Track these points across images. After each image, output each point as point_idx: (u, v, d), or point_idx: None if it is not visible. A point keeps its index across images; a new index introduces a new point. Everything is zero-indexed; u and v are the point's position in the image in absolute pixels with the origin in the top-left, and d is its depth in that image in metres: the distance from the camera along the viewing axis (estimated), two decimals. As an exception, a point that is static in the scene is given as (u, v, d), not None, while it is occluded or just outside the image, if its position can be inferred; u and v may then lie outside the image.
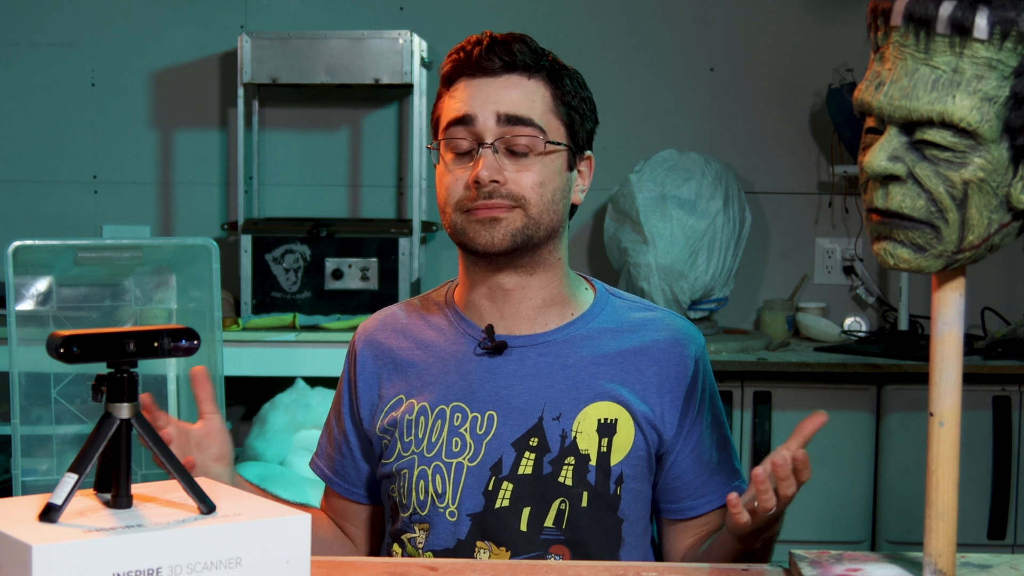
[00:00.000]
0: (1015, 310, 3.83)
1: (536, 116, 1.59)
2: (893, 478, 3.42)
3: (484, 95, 1.59)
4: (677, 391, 1.64)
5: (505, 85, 1.59)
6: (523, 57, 1.60)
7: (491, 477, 1.60)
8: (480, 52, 1.60)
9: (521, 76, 1.60)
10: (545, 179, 1.59)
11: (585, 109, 1.66)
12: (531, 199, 1.58)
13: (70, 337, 1.19)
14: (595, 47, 3.97)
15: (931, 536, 1.23)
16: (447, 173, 1.61)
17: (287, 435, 3.29)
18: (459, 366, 1.65)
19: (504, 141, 1.58)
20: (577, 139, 1.65)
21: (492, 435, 1.61)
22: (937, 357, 1.21)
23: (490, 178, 1.56)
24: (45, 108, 4.02)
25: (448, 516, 1.60)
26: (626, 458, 1.61)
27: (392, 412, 1.67)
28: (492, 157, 1.57)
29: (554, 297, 1.66)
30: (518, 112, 1.58)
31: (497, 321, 1.66)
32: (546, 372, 1.63)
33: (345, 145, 4.02)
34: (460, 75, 1.62)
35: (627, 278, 3.64)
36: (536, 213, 1.58)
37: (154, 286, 2.60)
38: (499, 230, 1.57)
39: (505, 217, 1.57)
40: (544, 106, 1.60)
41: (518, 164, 1.58)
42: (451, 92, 1.62)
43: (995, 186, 1.15)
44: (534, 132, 1.58)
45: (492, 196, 1.57)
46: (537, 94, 1.60)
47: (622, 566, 1.40)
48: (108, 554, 1.12)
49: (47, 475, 2.51)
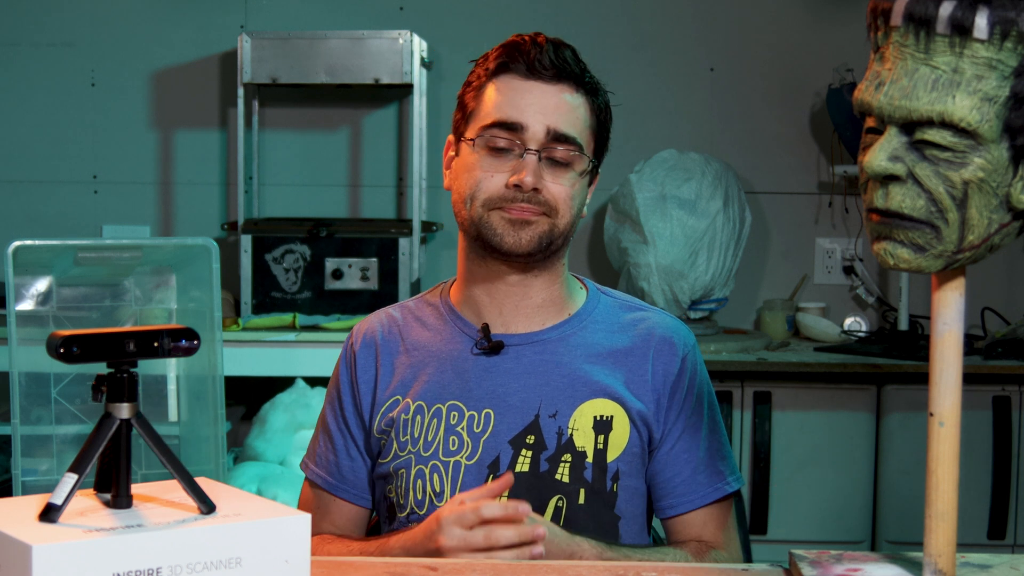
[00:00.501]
0: (1015, 310, 3.83)
1: (578, 133, 1.63)
2: (893, 478, 3.42)
3: (537, 103, 1.61)
4: (663, 388, 1.66)
5: (556, 95, 1.62)
6: (574, 67, 1.64)
7: (488, 475, 1.61)
8: (536, 54, 1.62)
9: (570, 87, 1.63)
10: (575, 192, 1.64)
11: (610, 127, 1.71)
12: (561, 210, 1.63)
13: (70, 337, 1.19)
14: (595, 47, 3.97)
15: (931, 536, 1.23)
16: (479, 168, 1.62)
17: (287, 435, 3.29)
18: (455, 364, 1.66)
19: (548, 152, 1.62)
20: (600, 156, 1.71)
21: (489, 433, 1.62)
22: (937, 357, 1.21)
23: (533, 185, 1.60)
24: (45, 108, 4.02)
25: None
26: (622, 454, 1.62)
27: (389, 412, 1.67)
28: (537, 164, 1.61)
29: (552, 298, 1.68)
30: (567, 130, 1.62)
31: (494, 318, 1.67)
32: (542, 370, 1.64)
33: (345, 145, 4.02)
34: (510, 71, 1.63)
35: (627, 278, 3.64)
36: (563, 223, 1.64)
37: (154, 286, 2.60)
38: (527, 232, 1.61)
39: (536, 221, 1.61)
40: (585, 123, 1.65)
41: (555, 174, 1.62)
42: (498, 86, 1.63)
43: (995, 186, 1.15)
44: (576, 150, 1.63)
45: (529, 201, 1.61)
46: (581, 110, 1.64)
47: (622, 566, 1.40)
48: (108, 554, 1.12)
49: (47, 475, 2.51)
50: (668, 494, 1.66)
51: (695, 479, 1.66)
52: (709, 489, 1.66)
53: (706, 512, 1.67)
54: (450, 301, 1.72)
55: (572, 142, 1.62)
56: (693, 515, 1.67)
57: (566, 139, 1.62)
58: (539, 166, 1.61)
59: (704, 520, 1.67)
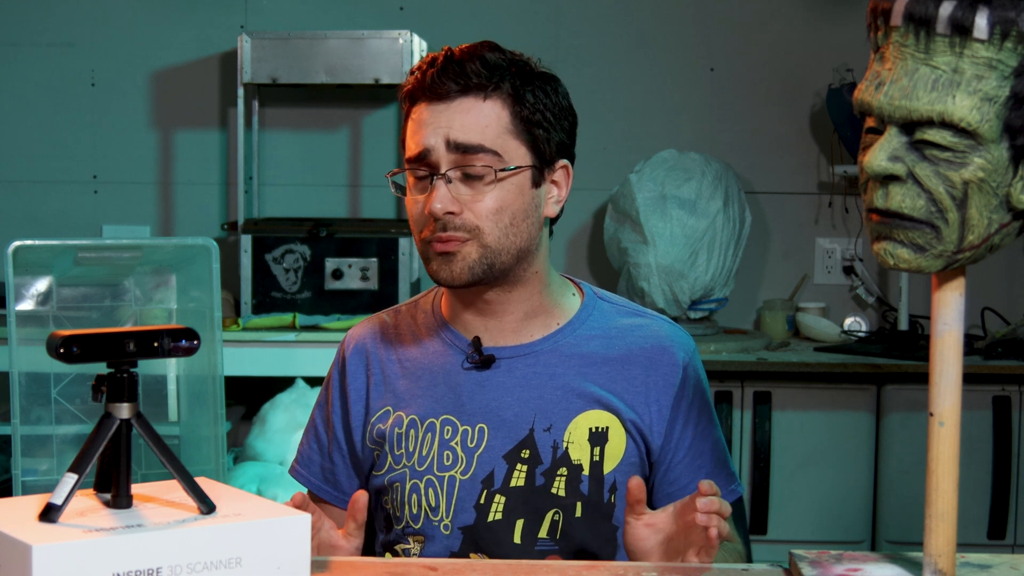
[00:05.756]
0: (1015, 310, 3.83)
1: (489, 141, 1.54)
2: (893, 478, 3.42)
3: (436, 122, 1.55)
4: (665, 399, 1.63)
5: (458, 110, 1.54)
6: (477, 78, 1.54)
7: (483, 491, 1.59)
8: (434, 76, 1.55)
9: (475, 98, 1.55)
10: (503, 204, 1.55)
11: (552, 120, 1.59)
12: (485, 228, 1.55)
13: (70, 337, 1.19)
14: (595, 47, 3.97)
15: (931, 536, 1.23)
16: (410, 202, 1.60)
17: (287, 435, 3.29)
18: (447, 379, 1.64)
19: (458, 169, 1.55)
20: (543, 155, 1.59)
21: (483, 448, 1.60)
22: (937, 357, 1.21)
23: (444, 210, 1.53)
24: (45, 108, 4.02)
25: (443, 529, 1.60)
26: (619, 465, 1.61)
27: (380, 424, 1.65)
28: (445, 188, 1.54)
29: (536, 309, 1.64)
30: (468, 140, 1.53)
31: (482, 333, 1.64)
32: (535, 383, 1.62)
33: (345, 145, 4.02)
34: (417, 99, 1.58)
35: (627, 278, 3.64)
36: (493, 241, 1.55)
37: (154, 286, 2.60)
38: (456, 265, 1.55)
39: (459, 251, 1.55)
40: (500, 128, 1.55)
41: (473, 191, 1.55)
42: (411, 116, 1.59)
43: (995, 186, 1.15)
44: (487, 159, 1.54)
45: (447, 228, 1.54)
46: (491, 116, 1.55)
47: (622, 566, 1.40)
48: (108, 554, 1.12)
49: (47, 475, 2.51)
50: None
51: None
52: (724, 492, 1.64)
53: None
54: (441, 311, 1.69)
55: (480, 150, 1.53)
56: None
57: (471, 148, 1.53)
58: (452, 187, 1.54)
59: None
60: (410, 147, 1.58)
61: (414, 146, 1.57)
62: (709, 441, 1.66)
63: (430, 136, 1.55)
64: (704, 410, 1.67)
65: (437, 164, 1.55)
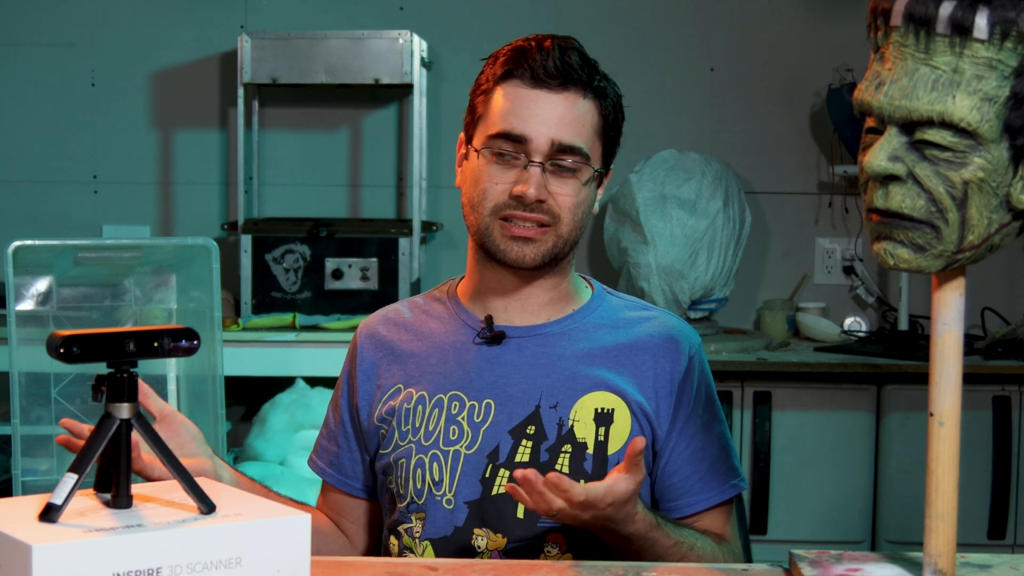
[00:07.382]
0: (1015, 310, 3.83)
1: (584, 142, 1.62)
2: (893, 478, 3.42)
3: (541, 114, 1.60)
4: (670, 387, 1.65)
5: (561, 105, 1.61)
6: (580, 73, 1.62)
7: (488, 464, 1.61)
8: (542, 62, 1.61)
9: (576, 94, 1.62)
10: (580, 200, 1.63)
11: (620, 125, 1.69)
12: (565, 219, 1.62)
13: (70, 337, 1.19)
14: (595, 47, 3.93)
15: (931, 536, 1.23)
16: (485, 176, 1.62)
17: (287, 435, 3.29)
18: (457, 355, 1.67)
19: (552, 162, 1.61)
20: (609, 160, 1.69)
21: (489, 423, 1.63)
22: (937, 357, 1.21)
23: (537, 196, 1.59)
24: (45, 108, 4.02)
25: (445, 504, 1.61)
26: (623, 447, 1.62)
27: (390, 401, 1.68)
28: (540, 176, 1.60)
29: (559, 295, 1.70)
30: (572, 141, 1.61)
31: (499, 313, 1.68)
32: (543, 362, 1.65)
33: (345, 145, 4.02)
34: (515, 78, 1.62)
35: (627, 278, 3.64)
36: (567, 232, 1.63)
37: (154, 286, 2.60)
38: (531, 249, 1.62)
39: (539, 239, 1.61)
40: (591, 129, 1.63)
41: (559, 183, 1.61)
42: (505, 93, 1.62)
43: (995, 186, 1.15)
44: (582, 160, 1.62)
45: (533, 211, 1.60)
46: (588, 116, 1.63)
47: (622, 566, 1.40)
48: (108, 554, 1.12)
49: (47, 475, 2.51)
50: (686, 492, 1.65)
51: (712, 475, 1.66)
52: (725, 486, 1.67)
53: (717, 510, 1.67)
54: (457, 296, 1.73)
55: (578, 152, 1.61)
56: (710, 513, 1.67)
57: (571, 150, 1.61)
58: (543, 176, 1.60)
59: (714, 516, 1.67)
60: (503, 124, 1.61)
61: (509, 126, 1.60)
62: (713, 434, 1.67)
63: (533, 125, 1.60)
64: (709, 404, 1.69)
65: (533, 153, 1.60)
